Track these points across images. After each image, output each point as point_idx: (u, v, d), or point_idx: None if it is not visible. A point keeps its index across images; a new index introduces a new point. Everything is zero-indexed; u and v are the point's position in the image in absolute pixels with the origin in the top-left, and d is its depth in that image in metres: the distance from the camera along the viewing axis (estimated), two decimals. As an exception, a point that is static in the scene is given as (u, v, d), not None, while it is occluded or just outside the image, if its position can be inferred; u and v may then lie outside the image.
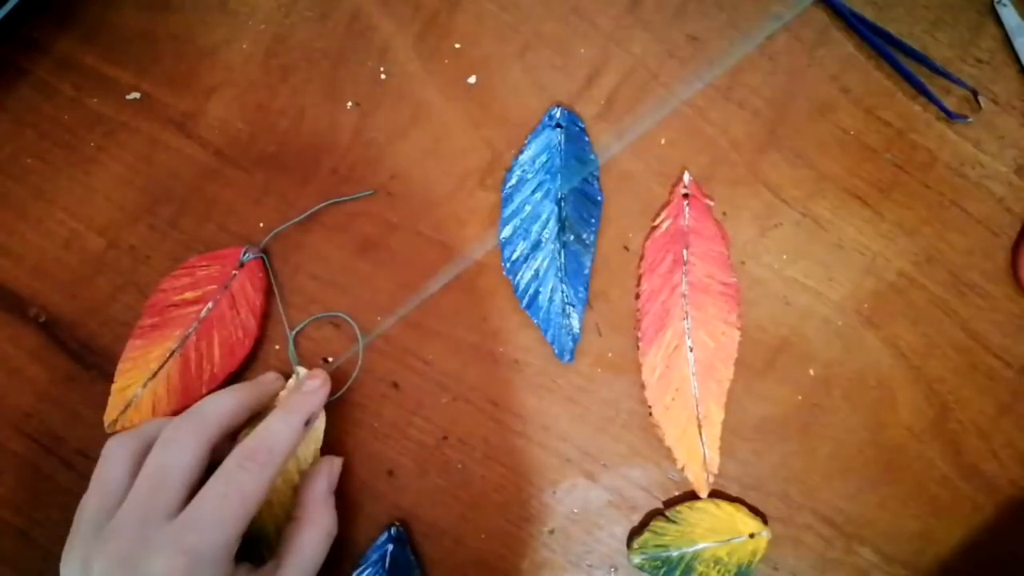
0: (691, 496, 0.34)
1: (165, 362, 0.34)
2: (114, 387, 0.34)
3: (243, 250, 0.35)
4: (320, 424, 0.33)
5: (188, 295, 0.34)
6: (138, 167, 0.37)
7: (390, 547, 0.33)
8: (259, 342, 0.35)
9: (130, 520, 0.27)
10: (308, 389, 0.32)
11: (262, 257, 0.35)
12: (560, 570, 0.34)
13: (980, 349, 0.36)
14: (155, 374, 0.34)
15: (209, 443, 0.29)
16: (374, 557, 0.33)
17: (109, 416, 0.33)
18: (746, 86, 0.37)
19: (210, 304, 0.34)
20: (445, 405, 0.35)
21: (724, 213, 0.36)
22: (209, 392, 0.33)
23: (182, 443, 0.28)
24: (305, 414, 0.31)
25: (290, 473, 0.32)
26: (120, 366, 0.34)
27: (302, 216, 0.36)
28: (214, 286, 0.34)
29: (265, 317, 0.35)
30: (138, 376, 0.34)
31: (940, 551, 0.35)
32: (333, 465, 0.32)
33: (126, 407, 0.33)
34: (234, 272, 0.35)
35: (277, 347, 0.35)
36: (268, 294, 0.35)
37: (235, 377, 0.34)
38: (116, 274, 0.36)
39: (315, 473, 0.32)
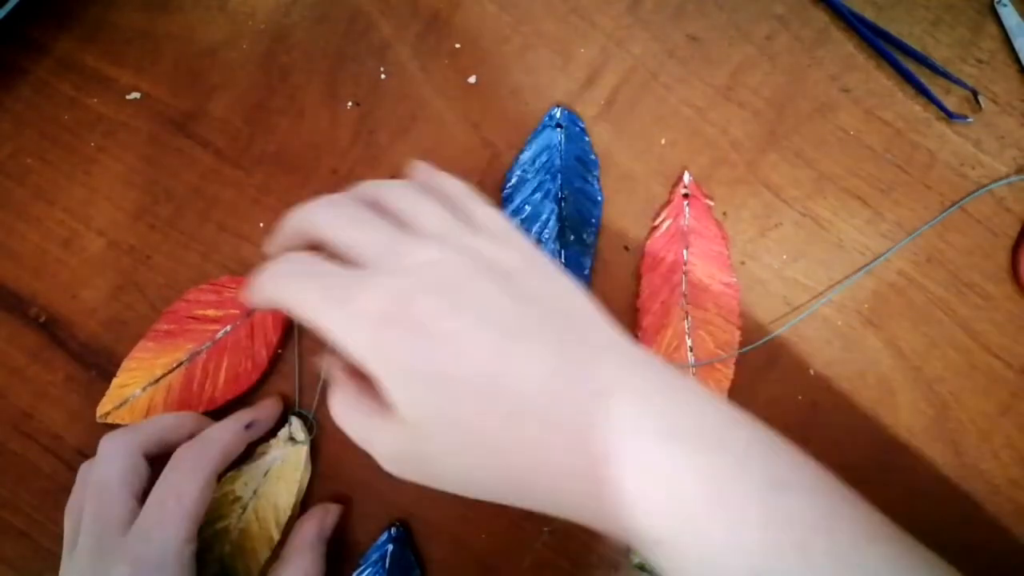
0: (691, 496, 0.34)
1: (170, 372, 0.34)
2: (115, 381, 0.34)
3: None
4: (302, 475, 0.33)
5: (210, 312, 0.34)
6: (138, 167, 0.36)
7: (390, 547, 0.33)
8: (267, 375, 0.34)
9: (90, 535, 0.28)
10: (258, 405, 0.33)
11: None
12: (560, 570, 0.34)
13: (980, 349, 0.36)
14: (157, 380, 0.34)
15: (140, 449, 0.29)
16: (374, 557, 0.33)
17: (103, 408, 0.33)
18: (746, 86, 0.37)
19: (228, 327, 0.34)
20: (445, 405, 0.35)
21: (724, 213, 0.36)
22: (205, 413, 0.33)
23: (111, 455, 0.29)
24: (245, 420, 0.32)
25: (267, 521, 0.32)
26: (125, 363, 0.34)
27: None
28: (237, 311, 0.34)
29: (278, 354, 0.35)
30: (141, 378, 0.34)
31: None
32: (328, 512, 0.32)
33: (121, 404, 0.33)
34: None
35: (281, 386, 0.35)
36: (286, 334, 0.35)
37: (235, 405, 0.34)
38: (116, 274, 0.36)
39: (308, 517, 0.32)
